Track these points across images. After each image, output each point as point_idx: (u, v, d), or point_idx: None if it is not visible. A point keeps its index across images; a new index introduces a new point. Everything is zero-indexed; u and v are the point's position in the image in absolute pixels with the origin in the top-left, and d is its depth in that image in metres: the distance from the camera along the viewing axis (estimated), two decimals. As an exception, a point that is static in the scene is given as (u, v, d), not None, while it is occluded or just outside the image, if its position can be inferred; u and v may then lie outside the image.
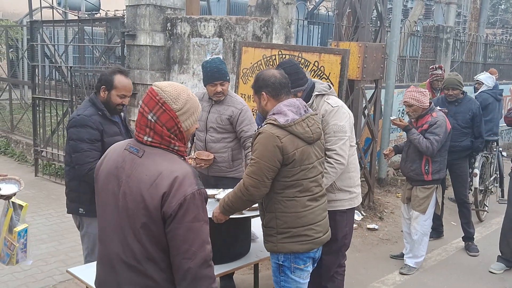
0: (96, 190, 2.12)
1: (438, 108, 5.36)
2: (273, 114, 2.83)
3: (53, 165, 7.54)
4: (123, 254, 1.99)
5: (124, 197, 1.96)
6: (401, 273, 4.82)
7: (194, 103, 2.03)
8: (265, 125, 2.79)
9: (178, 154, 2.02)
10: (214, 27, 5.83)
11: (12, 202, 2.66)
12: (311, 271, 2.99)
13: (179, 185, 1.89)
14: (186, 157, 2.08)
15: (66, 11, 8.33)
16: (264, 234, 2.95)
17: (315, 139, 2.88)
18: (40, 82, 7.94)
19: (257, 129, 2.85)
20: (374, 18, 8.37)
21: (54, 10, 8.05)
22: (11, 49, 10.74)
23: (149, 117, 1.97)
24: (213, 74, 3.89)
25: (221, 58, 4.09)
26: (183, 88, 2.03)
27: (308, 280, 2.99)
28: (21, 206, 2.68)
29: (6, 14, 15.60)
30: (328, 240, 3.03)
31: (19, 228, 2.63)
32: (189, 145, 4.23)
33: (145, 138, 1.99)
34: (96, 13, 14.11)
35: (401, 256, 5.08)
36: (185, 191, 1.89)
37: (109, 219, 2.04)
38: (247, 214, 3.20)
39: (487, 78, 6.99)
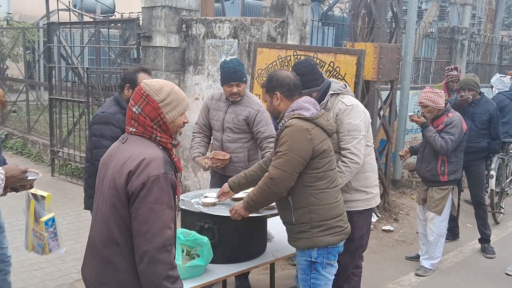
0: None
1: (462, 93, 5.33)
2: (293, 110, 2.86)
3: (69, 165, 7.63)
4: (96, 238, 2.11)
5: (105, 181, 2.10)
6: (417, 275, 4.79)
7: (178, 96, 2.13)
8: (291, 120, 2.82)
9: (161, 145, 2.12)
10: (229, 28, 5.86)
11: (34, 194, 2.68)
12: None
13: (145, 166, 1.98)
14: (171, 148, 2.16)
15: (83, 13, 8.43)
16: (294, 232, 2.92)
17: (334, 132, 3.00)
18: (56, 83, 8.03)
19: (282, 124, 2.86)
20: (389, 20, 8.34)
21: (70, 12, 8.14)
22: (28, 51, 10.88)
23: (134, 109, 2.10)
24: (230, 75, 3.92)
25: (238, 59, 4.11)
26: (168, 83, 2.15)
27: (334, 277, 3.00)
28: (43, 197, 2.71)
29: (22, 16, 15.80)
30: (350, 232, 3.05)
31: (45, 217, 2.66)
32: (180, 139, 4.25)
33: (130, 129, 2.13)
34: (111, 16, 14.25)
35: (416, 258, 5.05)
36: (150, 172, 1.97)
37: (96, 204, 2.17)
38: (264, 213, 3.20)
39: (495, 81, 6.96)
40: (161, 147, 2.11)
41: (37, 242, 2.72)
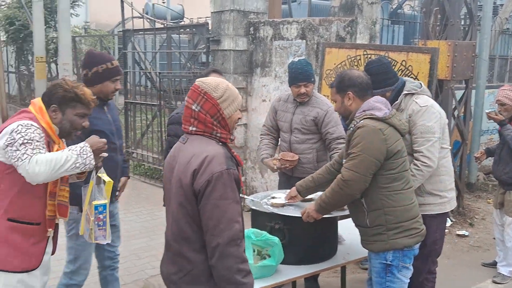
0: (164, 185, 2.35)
1: None
2: (364, 110, 2.82)
3: (143, 166, 7.93)
4: (170, 236, 2.20)
5: (172, 182, 2.17)
6: (494, 282, 4.57)
7: (233, 93, 2.19)
8: (363, 120, 2.79)
9: (221, 141, 2.17)
10: (297, 29, 5.86)
11: (98, 176, 2.71)
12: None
13: (208, 164, 2.04)
14: (229, 143, 2.22)
15: (155, 20, 8.77)
16: (369, 235, 2.87)
17: (407, 132, 2.95)
18: (131, 88, 8.39)
19: (354, 125, 2.83)
20: (463, 16, 8.03)
21: (142, 19, 8.48)
22: (104, 57, 11.44)
23: (193, 107, 2.15)
24: (297, 76, 3.92)
25: (307, 60, 4.10)
26: (222, 80, 2.23)
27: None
28: (104, 182, 2.70)
29: (99, 25, 16.65)
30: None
31: (97, 202, 2.65)
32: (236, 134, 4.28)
33: (190, 128, 2.17)
34: (180, 21, 14.67)
35: (493, 264, 4.82)
36: (213, 170, 2.03)
37: (167, 203, 2.25)
38: (335, 213, 3.17)
39: None
40: (220, 143, 2.16)
41: (86, 226, 2.71)
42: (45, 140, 2.47)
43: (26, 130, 2.39)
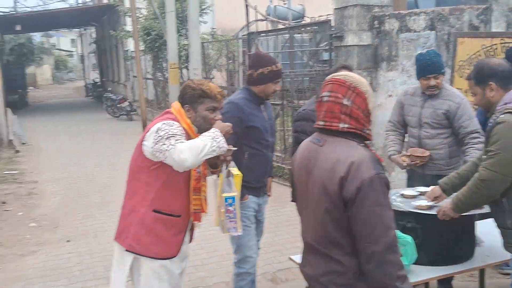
0: (293, 182, 2.28)
1: None
2: (506, 103, 2.60)
3: (267, 164, 8.11)
4: (313, 239, 2.12)
5: (311, 186, 2.08)
6: None
7: (370, 89, 2.11)
8: (503, 115, 2.57)
9: (363, 141, 2.06)
10: (425, 20, 5.59)
11: (229, 170, 2.81)
12: None
13: (356, 170, 1.92)
14: (371, 140, 2.11)
15: (278, 21, 8.96)
16: (509, 237, 2.67)
17: None
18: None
19: (493, 120, 2.62)
20: None
21: (265, 21, 8.71)
22: (230, 61, 11.96)
23: (344, 102, 2.02)
24: (426, 67, 3.75)
25: (436, 50, 3.89)
26: (359, 76, 2.14)
27: None
28: (233, 175, 2.79)
29: (224, 30, 17.44)
30: None
31: (227, 194, 2.74)
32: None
33: (341, 125, 2.03)
34: (301, 21, 14.80)
35: None
36: (362, 176, 1.91)
37: (303, 207, 2.18)
38: (472, 212, 2.96)
39: None
40: (362, 145, 2.04)
41: (219, 218, 2.82)
42: (185, 139, 2.66)
43: (169, 127, 2.62)
